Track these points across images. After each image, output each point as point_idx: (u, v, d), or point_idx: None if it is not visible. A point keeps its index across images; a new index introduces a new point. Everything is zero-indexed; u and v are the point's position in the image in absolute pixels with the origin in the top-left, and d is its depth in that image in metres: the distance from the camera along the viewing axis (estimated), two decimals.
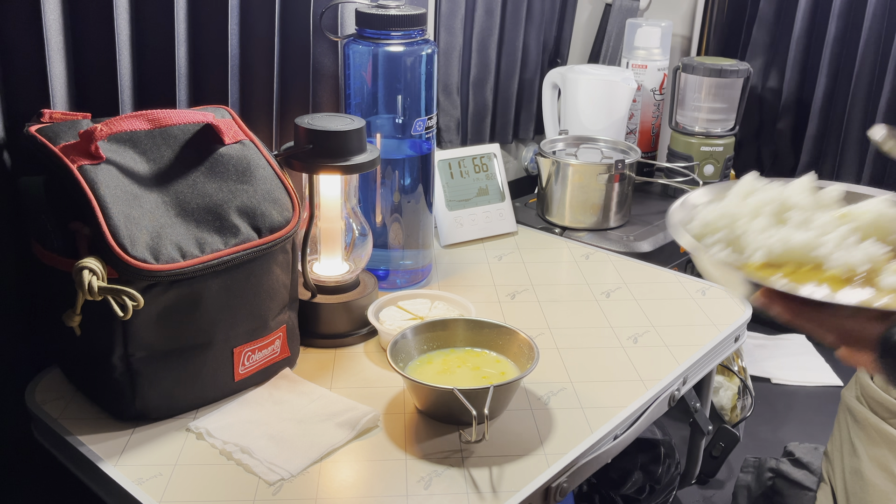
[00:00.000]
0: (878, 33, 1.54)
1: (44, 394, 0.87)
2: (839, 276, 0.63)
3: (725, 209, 0.71)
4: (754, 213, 0.71)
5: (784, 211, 0.70)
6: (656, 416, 0.93)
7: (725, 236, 0.69)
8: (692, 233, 0.70)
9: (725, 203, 0.73)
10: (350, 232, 1.01)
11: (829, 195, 0.72)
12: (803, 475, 1.27)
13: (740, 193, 0.74)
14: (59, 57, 0.86)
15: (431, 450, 0.80)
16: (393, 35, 1.02)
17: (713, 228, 0.70)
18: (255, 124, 1.06)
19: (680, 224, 0.71)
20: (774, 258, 0.66)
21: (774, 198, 0.71)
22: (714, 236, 0.69)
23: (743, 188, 0.74)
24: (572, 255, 1.28)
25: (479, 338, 0.92)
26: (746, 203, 0.72)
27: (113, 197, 0.76)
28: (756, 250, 0.66)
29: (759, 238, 0.67)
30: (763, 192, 0.73)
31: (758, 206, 0.71)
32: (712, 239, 0.69)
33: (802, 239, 0.65)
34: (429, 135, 1.09)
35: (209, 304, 0.81)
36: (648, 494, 1.23)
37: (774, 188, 0.73)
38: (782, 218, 0.70)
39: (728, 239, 0.68)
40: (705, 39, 1.79)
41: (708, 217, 0.70)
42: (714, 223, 0.70)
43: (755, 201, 0.71)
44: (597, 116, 1.44)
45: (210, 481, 0.75)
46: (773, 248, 0.66)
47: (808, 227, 0.68)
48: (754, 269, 0.65)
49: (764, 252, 0.66)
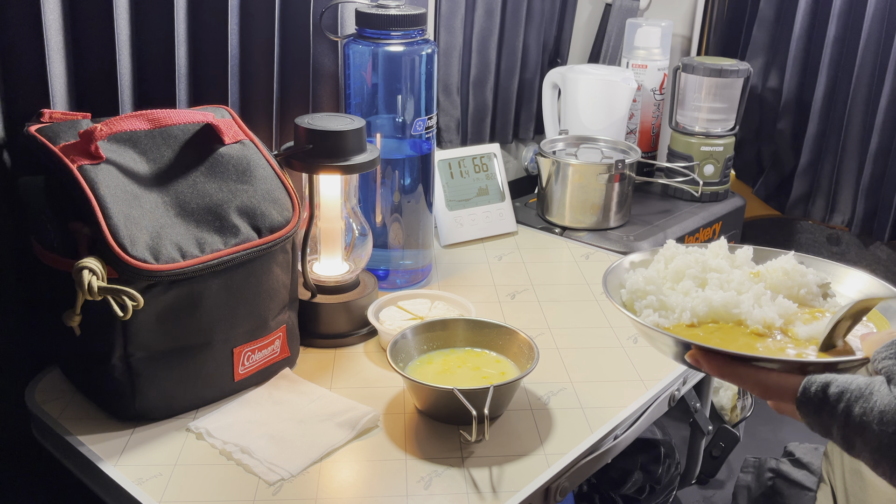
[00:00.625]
0: (878, 33, 1.54)
1: (44, 394, 0.87)
2: (759, 332, 0.69)
3: (650, 275, 0.76)
4: (677, 276, 0.77)
5: (704, 273, 0.76)
6: (656, 416, 0.93)
7: (654, 301, 0.73)
8: (623, 299, 0.76)
9: (651, 269, 0.79)
10: (350, 232, 1.01)
11: (742, 256, 0.79)
12: (803, 475, 1.27)
13: (664, 259, 0.79)
14: (59, 57, 0.86)
15: (431, 450, 0.80)
16: (393, 35, 1.02)
17: (642, 293, 0.74)
18: (255, 124, 1.06)
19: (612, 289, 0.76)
20: (700, 318, 0.71)
21: (694, 261, 0.77)
22: (643, 301, 0.74)
23: (665, 254, 0.80)
24: (572, 255, 1.28)
25: (479, 338, 0.92)
26: (670, 268, 0.77)
27: (113, 197, 0.76)
28: (683, 311, 0.71)
29: (685, 300, 0.72)
30: (684, 256, 0.78)
31: (680, 270, 0.77)
32: (642, 304, 0.74)
33: (722, 299, 0.71)
34: (429, 135, 1.09)
35: (209, 304, 0.81)
36: (648, 494, 1.23)
37: (693, 253, 0.79)
38: (703, 280, 0.76)
39: (656, 303, 0.73)
40: (705, 39, 1.79)
41: (636, 284, 0.75)
42: (642, 289, 0.74)
43: (677, 266, 0.77)
44: (597, 116, 1.44)
45: (210, 481, 0.75)
46: (697, 308, 0.71)
47: (727, 286, 0.74)
48: (683, 329, 0.70)
49: (690, 313, 0.71)
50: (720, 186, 1.53)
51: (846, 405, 0.57)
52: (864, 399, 0.56)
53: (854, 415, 0.56)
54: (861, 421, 0.56)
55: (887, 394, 0.56)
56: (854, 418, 0.56)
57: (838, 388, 0.58)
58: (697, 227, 1.44)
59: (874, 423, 0.55)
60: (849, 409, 0.57)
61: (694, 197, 1.50)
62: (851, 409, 0.56)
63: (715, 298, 0.71)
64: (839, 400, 0.57)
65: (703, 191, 1.49)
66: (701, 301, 0.71)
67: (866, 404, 0.56)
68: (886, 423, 0.55)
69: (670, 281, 0.76)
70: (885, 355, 0.58)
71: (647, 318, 0.71)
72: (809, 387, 0.59)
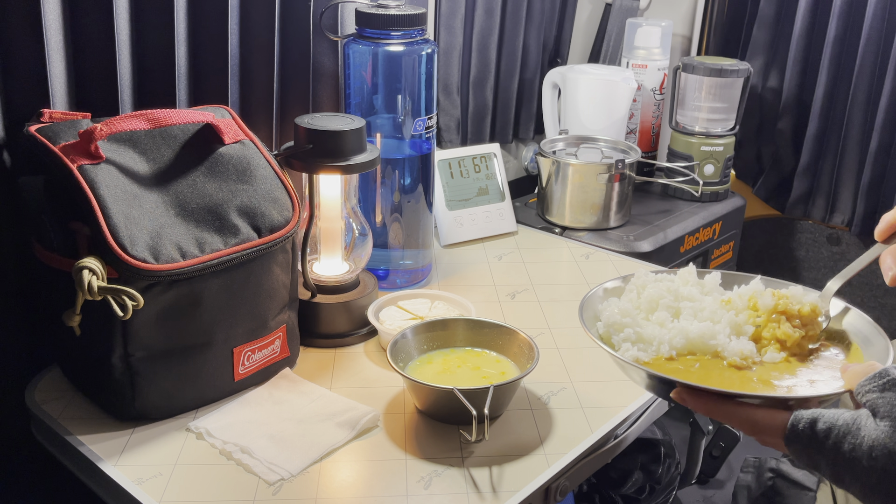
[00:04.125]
0: (878, 33, 1.54)
1: (44, 394, 0.87)
2: (737, 364, 0.70)
3: (625, 306, 0.76)
4: (650, 306, 0.77)
5: (678, 301, 0.77)
6: (656, 416, 0.93)
7: (631, 334, 0.73)
8: (600, 332, 0.75)
9: (624, 299, 0.79)
10: (350, 232, 1.01)
11: (710, 282, 0.79)
12: (803, 475, 1.27)
13: (636, 288, 0.80)
14: (59, 57, 0.86)
15: (431, 450, 0.80)
16: (393, 35, 1.02)
17: (619, 327, 0.74)
18: (255, 124, 1.06)
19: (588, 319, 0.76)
20: (678, 350, 0.71)
21: (666, 290, 0.77)
22: (621, 334, 0.74)
23: (637, 283, 0.80)
24: (572, 254, 1.28)
25: (479, 338, 0.92)
26: (643, 298, 0.77)
27: (113, 197, 0.76)
28: (661, 344, 0.72)
29: (661, 332, 0.72)
30: (654, 285, 0.79)
31: (654, 299, 0.77)
32: (619, 337, 0.74)
33: (698, 330, 0.71)
34: (429, 134, 1.09)
35: (209, 304, 0.81)
36: (648, 494, 1.23)
37: (664, 281, 0.79)
38: (677, 309, 0.76)
39: (633, 336, 0.73)
40: (705, 39, 1.79)
41: (612, 317, 0.75)
42: (619, 322, 0.74)
43: (650, 294, 0.77)
44: (597, 116, 1.44)
45: (210, 481, 0.75)
46: (675, 341, 0.71)
47: (700, 315, 0.74)
48: (662, 363, 0.71)
49: (668, 346, 0.71)
50: (720, 186, 1.53)
51: (835, 441, 0.57)
52: (851, 435, 0.57)
53: (843, 451, 0.57)
54: (851, 457, 0.57)
55: (874, 428, 0.56)
56: (843, 454, 0.57)
57: (826, 424, 0.58)
58: (697, 227, 1.44)
59: (863, 458, 0.56)
60: (837, 446, 0.57)
61: (694, 197, 1.50)
62: (840, 445, 0.57)
63: (691, 330, 0.71)
64: (827, 437, 0.58)
65: (703, 191, 1.49)
66: (678, 333, 0.72)
67: (854, 440, 0.57)
68: (875, 458, 0.55)
69: (644, 311, 0.77)
70: (869, 388, 0.59)
71: (626, 353, 0.71)
72: (797, 423, 0.59)
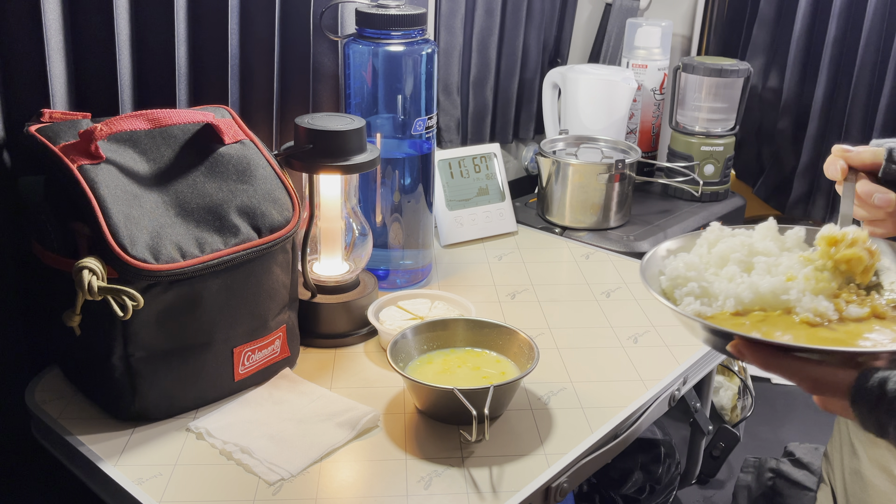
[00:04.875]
0: (878, 33, 1.54)
1: (44, 394, 0.87)
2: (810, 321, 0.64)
3: (692, 260, 0.71)
4: (721, 261, 0.71)
5: (751, 257, 0.71)
6: (656, 416, 0.93)
7: (695, 288, 0.69)
8: (663, 286, 0.71)
9: (692, 254, 0.74)
10: (350, 232, 1.01)
11: (793, 238, 0.74)
12: (803, 475, 1.27)
13: (706, 243, 0.75)
14: (59, 57, 0.86)
15: (431, 450, 0.80)
16: (393, 35, 1.02)
17: (683, 280, 0.70)
18: (255, 124, 1.06)
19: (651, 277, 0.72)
20: (745, 305, 0.66)
21: (740, 245, 0.72)
22: (684, 288, 0.69)
23: (709, 237, 0.75)
24: (572, 254, 1.28)
25: (480, 338, 0.92)
26: (713, 253, 0.72)
27: (113, 197, 0.76)
28: (727, 299, 0.67)
29: (729, 287, 0.67)
30: (729, 240, 0.73)
31: (724, 255, 0.72)
32: (682, 291, 0.69)
33: (769, 285, 0.66)
34: (429, 134, 1.09)
35: (209, 304, 0.81)
36: (648, 494, 1.23)
37: (739, 235, 0.74)
38: (750, 264, 0.71)
39: (698, 290, 0.69)
40: (705, 39, 1.79)
41: (676, 270, 0.70)
42: (683, 275, 0.70)
43: (721, 250, 0.72)
44: (597, 116, 1.44)
45: (210, 481, 0.75)
46: (742, 295, 0.66)
47: (775, 271, 0.68)
48: (727, 318, 0.65)
49: (734, 300, 0.66)
50: (720, 186, 1.53)
51: None
52: None
53: None
54: None
55: None
56: None
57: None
58: (697, 227, 1.44)
59: None
60: None
61: (694, 197, 1.50)
62: None
63: (762, 284, 0.66)
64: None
65: (704, 191, 1.49)
66: (746, 287, 0.66)
67: None
68: None
69: (714, 266, 0.71)
70: None
71: (687, 307, 0.66)
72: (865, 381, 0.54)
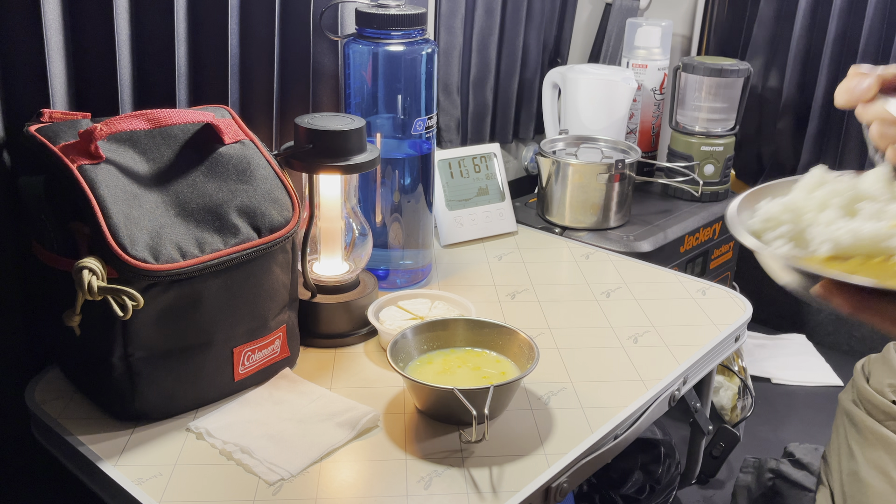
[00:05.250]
0: (879, 33, 1.54)
1: (44, 394, 0.87)
2: None
3: (790, 203, 0.66)
4: (821, 206, 0.66)
5: (855, 202, 0.66)
6: (656, 416, 0.93)
7: (789, 231, 0.64)
8: (753, 228, 0.66)
9: (791, 197, 0.68)
10: (350, 232, 1.01)
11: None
12: (803, 476, 1.27)
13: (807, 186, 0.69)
14: (59, 57, 0.86)
15: (431, 450, 0.80)
16: (393, 35, 1.02)
17: (776, 223, 0.65)
18: (255, 124, 1.06)
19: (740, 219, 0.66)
20: (842, 250, 0.61)
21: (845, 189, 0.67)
22: (776, 231, 0.64)
23: (811, 181, 0.69)
24: (572, 254, 1.28)
25: (480, 338, 0.92)
26: (813, 196, 0.67)
27: (113, 197, 0.76)
28: (822, 243, 0.61)
29: (826, 231, 0.62)
30: (833, 184, 0.68)
31: (825, 199, 0.66)
32: (774, 234, 0.64)
33: (872, 229, 0.61)
34: (429, 134, 1.09)
35: (209, 304, 0.81)
36: (648, 494, 1.23)
37: (845, 180, 0.68)
38: (852, 210, 0.65)
39: (792, 233, 0.64)
40: (705, 39, 1.78)
41: (771, 211, 0.66)
42: (777, 217, 0.65)
43: (823, 194, 0.67)
44: (597, 116, 1.44)
45: (210, 481, 0.75)
46: (841, 239, 0.61)
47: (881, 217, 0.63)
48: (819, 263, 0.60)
49: (831, 245, 0.61)
50: (720, 186, 1.53)
51: None
52: None
53: None
54: None
55: None
56: None
57: None
58: (697, 227, 1.44)
59: None
60: None
61: (694, 197, 1.50)
62: None
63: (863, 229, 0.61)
64: None
65: (704, 191, 1.49)
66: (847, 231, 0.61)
67: None
68: None
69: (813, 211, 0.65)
70: None
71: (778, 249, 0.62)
72: None
